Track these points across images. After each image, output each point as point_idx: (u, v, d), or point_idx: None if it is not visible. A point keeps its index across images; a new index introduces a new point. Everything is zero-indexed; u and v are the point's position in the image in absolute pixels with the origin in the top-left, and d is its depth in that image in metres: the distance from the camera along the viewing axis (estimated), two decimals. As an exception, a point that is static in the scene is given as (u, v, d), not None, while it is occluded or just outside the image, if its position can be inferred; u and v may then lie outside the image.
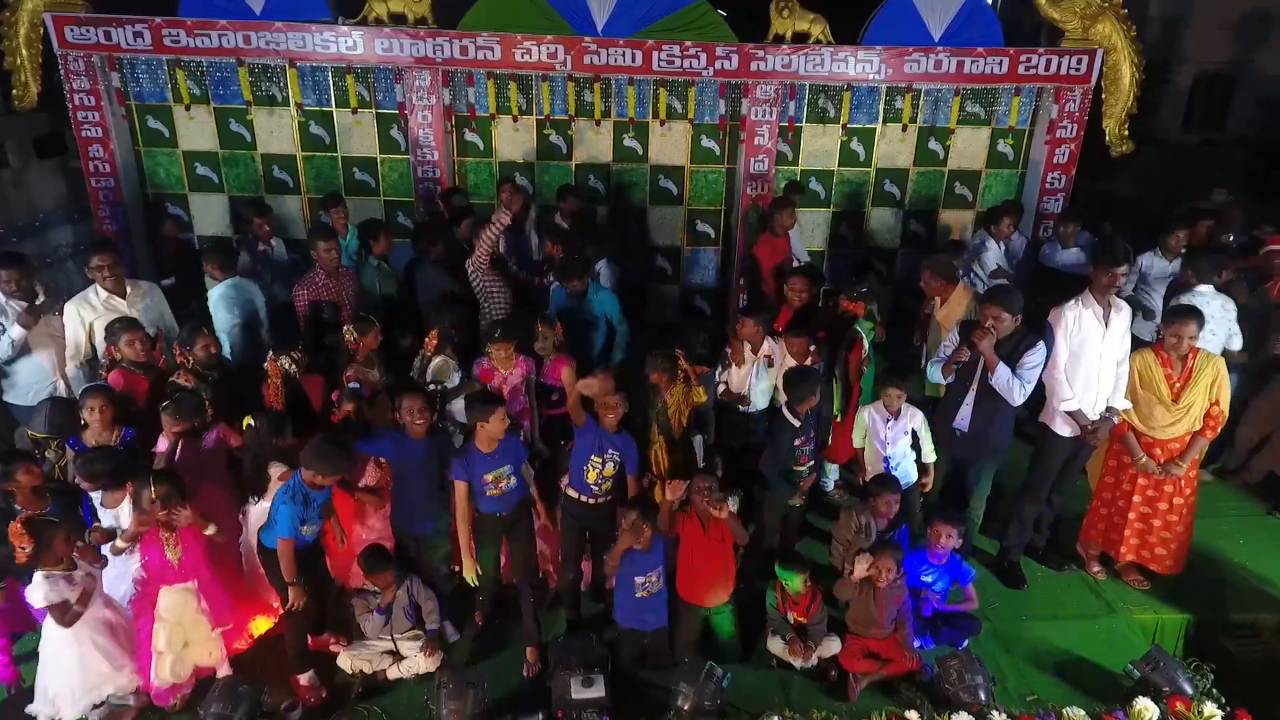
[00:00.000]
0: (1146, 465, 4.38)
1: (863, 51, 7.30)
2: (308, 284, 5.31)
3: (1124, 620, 4.46)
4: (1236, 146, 13.99)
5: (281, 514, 3.60)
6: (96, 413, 3.91)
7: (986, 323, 4.20)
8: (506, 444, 3.95)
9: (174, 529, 3.56)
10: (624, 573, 3.86)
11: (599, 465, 4.08)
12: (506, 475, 3.96)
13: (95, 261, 4.65)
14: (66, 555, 3.40)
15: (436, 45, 7.17)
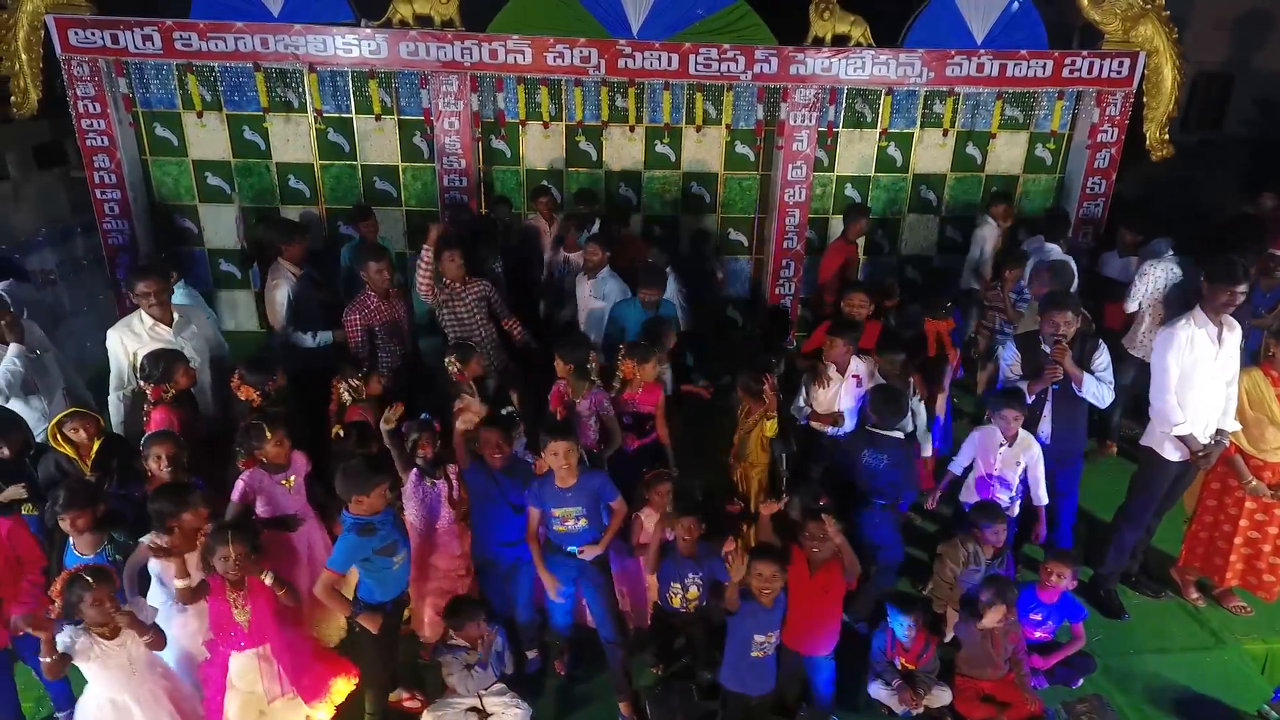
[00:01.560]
0: (1258, 489, 4.22)
1: (904, 54, 7.10)
2: (359, 308, 4.95)
3: (1234, 651, 4.30)
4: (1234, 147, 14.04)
5: (339, 545, 3.30)
6: (165, 461, 3.56)
7: (1059, 330, 4.04)
8: (588, 483, 3.68)
9: (243, 588, 3.23)
10: (741, 628, 3.57)
11: (680, 591, 3.89)
12: (576, 516, 3.69)
13: (141, 288, 4.29)
14: (103, 621, 3.02)
15: (465, 49, 6.84)
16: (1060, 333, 4.00)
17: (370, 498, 3.29)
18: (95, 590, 2.88)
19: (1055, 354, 4.00)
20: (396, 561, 3.41)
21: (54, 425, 3.62)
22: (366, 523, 3.29)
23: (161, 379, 3.95)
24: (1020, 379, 4.18)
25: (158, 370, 3.96)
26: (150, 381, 3.96)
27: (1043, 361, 4.09)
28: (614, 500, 3.74)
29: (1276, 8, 15.05)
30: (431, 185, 7.62)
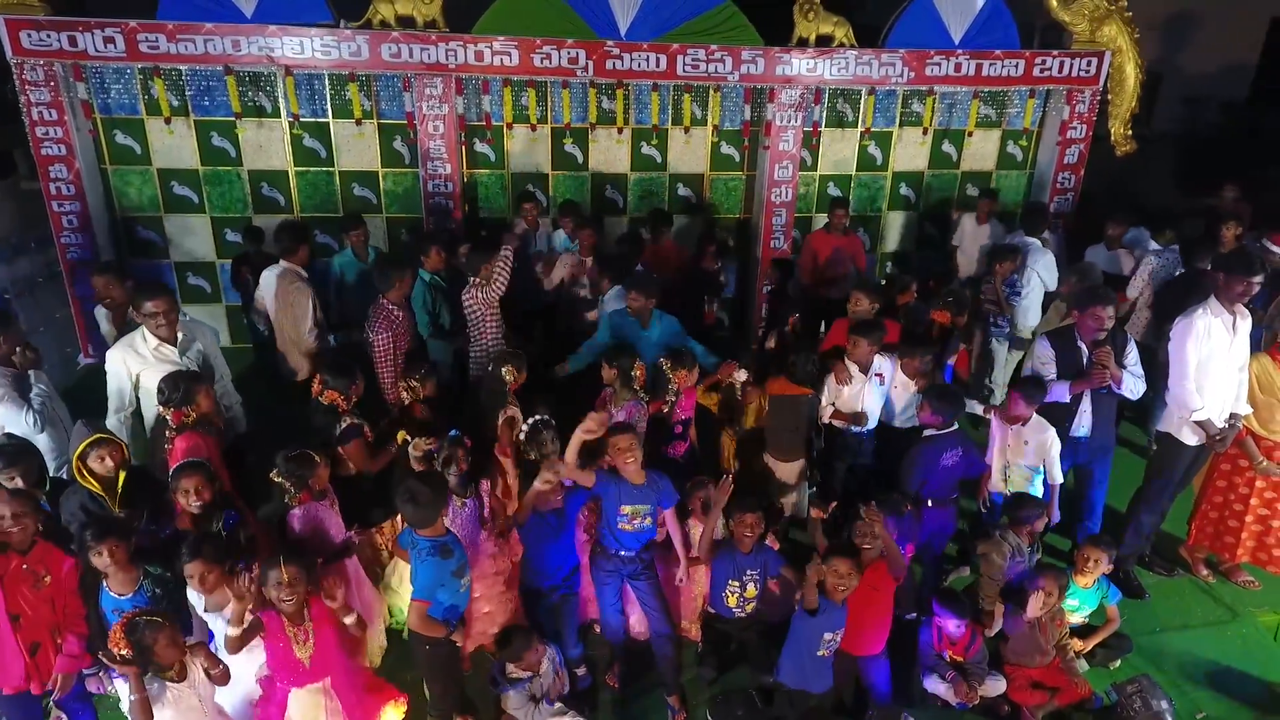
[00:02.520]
0: (1269, 469, 4.43)
1: (886, 54, 7.22)
2: (387, 323, 4.79)
3: (1249, 624, 4.51)
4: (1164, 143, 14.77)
5: (423, 572, 3.15)
6: (193, 495, 3.33)
7: (1102, 324, 4.16)
8: (657, 484, 3.64)
9: (303, 621, 3.06)
10: (809, 627, 3.57)
11: (738, 589, 3.89)
12: (644, 514, 3.66)
13: (150, 308, 4.01)
14: (176, 660, 2.86)
15: (449, 51, 6.67)
16: (1103, 327, 4.12)
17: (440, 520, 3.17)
18: (167, 629, 2.71)
19: (1101, 357, 4.12)
20: (464, 583, 3.29)
21: (77, 458, 3.35)
22: (442, 544, 3.16)
23: (182, 403, 3.72)
24: (1054, 377, 4.26)
25: (178, 394, 3.71)
26: (170, 406, 3.72)
27: (1081, 360, 4.20)
28: (668, 507, 3.69)
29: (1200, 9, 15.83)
30: (413, 190, 7.42)
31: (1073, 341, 4.25)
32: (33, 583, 3.04)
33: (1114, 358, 4.16)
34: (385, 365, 4.81)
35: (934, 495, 4.17)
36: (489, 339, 5.19)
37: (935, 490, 4.15)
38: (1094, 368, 4.13)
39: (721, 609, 3.97)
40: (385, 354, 4.79)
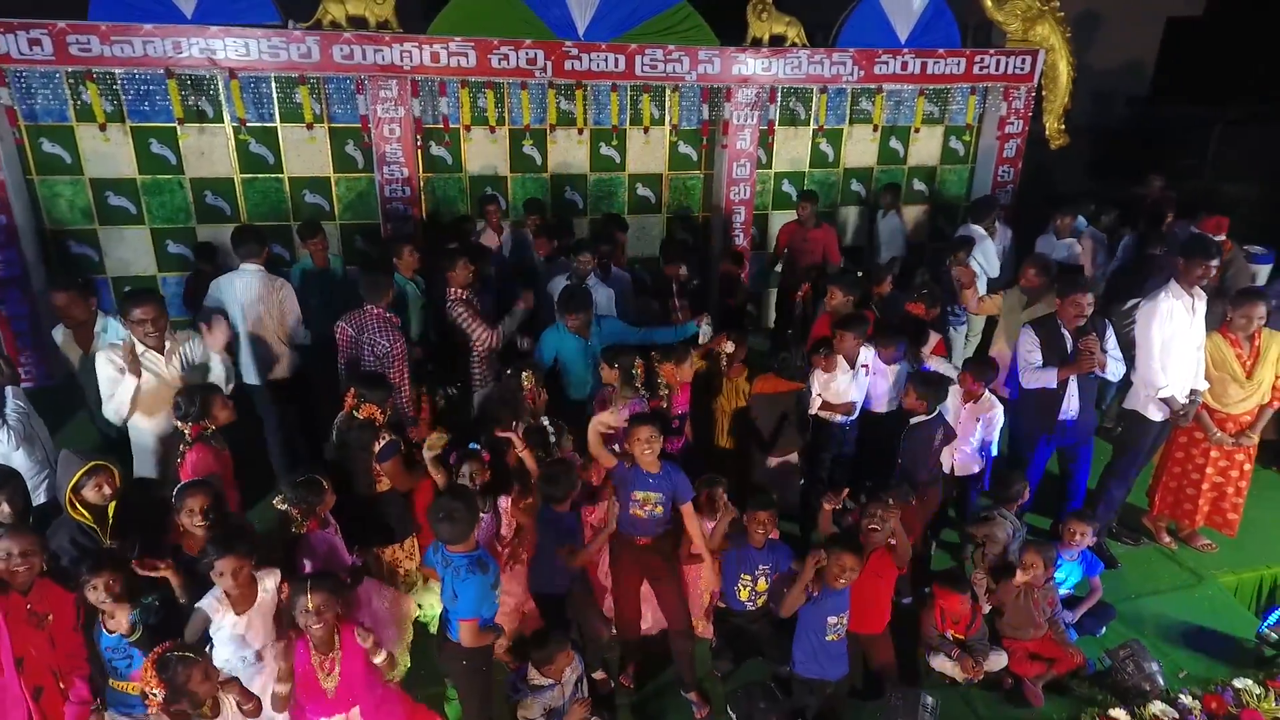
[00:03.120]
0: (1222, 439, 4.74)
1: (837, 54, 7.41)
2: (389, 330, 4.70)
3: (1212, 585, 4.81)
4: (1075, 136, 15.62)
5: (468, 590, 3.07)
6: (199, 515, 3.16)
7: (1083, 311, 4.36)
8: (671, 477, 3.66)
9: (330, 650, 2.95)
10: (816, 612, 3.64)
11: (750, 583, 3.95)
12: (655, 502, 3.69)
13: (138, 314, 3.81)
14: (209, 696, 2.72)
15: (404, 52, 6.51)
16: (1084, 314, 4.32)
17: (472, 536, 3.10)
18: (201, 664, 2.57)
19: (1088, 344, 4.32)
20: (498, 595, 3.23)
21: (71, 489, 3.14)
22: (478, 558, 3.09)
23: (200, 416, 3.60)
24: (1041, 364, 4.45)
25: (194, 406, 3.59)
26: (187, 420, 3.59)
27: (1065, 346, 4.41)
28: (685, 503, 3.71)
29: (1102, 9, 16.73)
30: (368, 195, 7.22)
31: (1056, 329, 4.45)
32: (36, 623, 2.83)
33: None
34: (401, 375, 4.69)
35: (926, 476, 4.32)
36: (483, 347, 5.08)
37: (927, 471, 4.30)
38: (1081, 354, 4.33)
39: (733, 603, 4.01)
40: (401, 362, 4.67)
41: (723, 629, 4.09)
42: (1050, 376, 4.39)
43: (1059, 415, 4.48)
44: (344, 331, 4.78)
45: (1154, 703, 3.72)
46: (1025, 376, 4.47)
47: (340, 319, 4.84)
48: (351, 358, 4.78)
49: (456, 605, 3.13)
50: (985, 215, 7.06)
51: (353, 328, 4.75)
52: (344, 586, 2.92)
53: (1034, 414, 4.57)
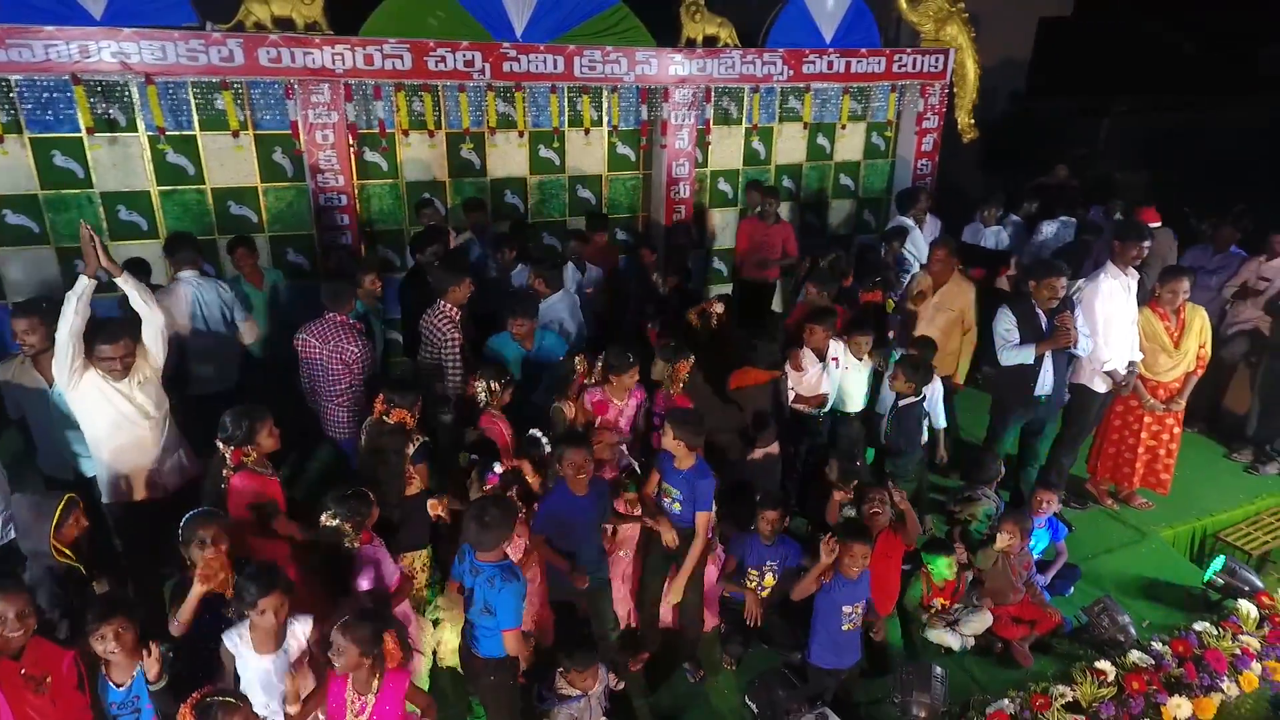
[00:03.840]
0: (1155, 406, 5.16)
1: (768, 54, 7.60)
2: (354, 337, 4.53)
3: (1155, 539, 5.23)
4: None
5: (509, 599, 3.00)
6: (211, 548, 2.94)
7: (1057, 294, 4.65)
8: (696, 476, 3.71)
9: (367, 691, 2.81)
10: (828, 604, 3.73)
11: (757, 577, 4.06)
12: (674, 498, 3.78)
13: (108, 351, 3.52)
14: None
15: (336, 54, 6.25)
16: (1058, 296, 4.60)
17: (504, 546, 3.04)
18: (242, 710, 2.40)
19: (1064, 321, 4.61)
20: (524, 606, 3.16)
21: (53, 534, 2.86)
22: (509, 567, 3.02)
23: (244, 441, 3.40)
24: (1019, 342, 4.72)
25: (240, 430, 3.40)
26: (231, 444, 3.39)
27: (1040, 325, 4.70)
28: (703, 510, 3.74)
29: (979, 9, 17.69)
30: (298, 205, 6.88)
31: (1031, 309, 4.73)
32: (34, 688, 2.56)
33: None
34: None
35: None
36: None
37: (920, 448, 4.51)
38: (1057, 331, 4.62)
39: (739, 596, 4.08)
40: (370, 369, 4.59)
41: (731, 618, 4.15)
42: (1028, 353, 4.67)
43: (1035, 391, 4.76)
44: (306, 343, 4.59)
45: (1131, 652, 4.02)
46: (1004, 354, 4.73)
47: (300, 331, 4.65)
48: (314, 370, 4.61)
49: (495, 617, 3.05)
50: (911, 206, 7.42)
51: (316, 338, 4.56)
52: (379, 631, 2.77)
53: (1010, 391, 4.84)
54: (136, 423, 3.68)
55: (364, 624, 2.71)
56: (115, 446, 3.68)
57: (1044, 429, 5.05)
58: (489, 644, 3.17)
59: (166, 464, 3.85)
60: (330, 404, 4.64)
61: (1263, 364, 6.11)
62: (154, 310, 3.69)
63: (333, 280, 4.77)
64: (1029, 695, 3.74)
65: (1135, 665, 3.93)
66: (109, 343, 3.54)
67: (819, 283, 5.23)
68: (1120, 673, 3.87)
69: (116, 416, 3.63)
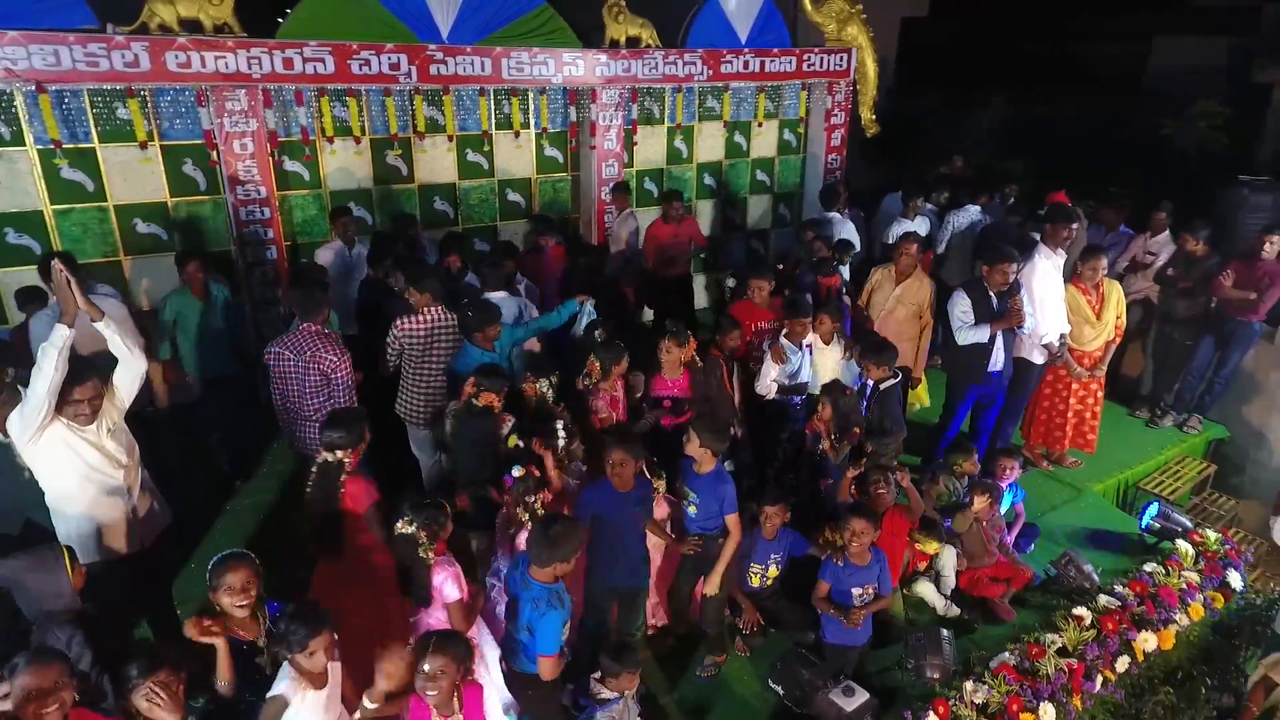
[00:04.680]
0: (1081, 373, 5.67)
1: (688, 54, 7.75)
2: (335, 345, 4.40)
3: (1090, 494, 5.74)
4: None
5: (550, 627, 2.95)
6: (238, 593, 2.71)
7: (1008, 278, 5.01)
8: (716, 482, 3.77)
9: (450, 714, 2.69)
10: (839, 587, 3.88)
11: (761, 570, 4.19)
12: (690, 500, 3.85)
13: (75, 394, 3.13)
14: None
15: (252, 58, 5.88)
16: (1009, 279, 4.95)
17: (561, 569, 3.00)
18: None
19: (1016, 303, 4.97)
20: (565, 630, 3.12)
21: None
22: (556, 591, 2.96)
23: (356, 442, 3.44)
24: (974, 322, 5.04)
25: (351, 435, 3.42)
26: (342, 448, 3.39)
27: (992, 306, 5.04)
28: (730, 514, 3.82)
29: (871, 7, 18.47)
30: (214, 220, 6.43)
31: (984, 291, 5.07)
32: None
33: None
34: (350, 394, 4.39)
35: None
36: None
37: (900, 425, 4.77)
38: (1010, 311, 4.98)
39: (745, 588, 4.18)
40: (349, 376, 4.39)
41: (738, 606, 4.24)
42: (983, 332, 5.01)
43: (989, 367, 5.11)
44: (279, 356, 4.37)
45: (1100, 596, 4.42)
46: (962, 335, 5.05)
47: (271, 344, 4.44)
48: (288, 384, 4.39)
49: (534, 640, 3.00)
50: (834, 201, 7.77)
51: (290, 350, 4.35)
52: (469, 649, 2.66)
53: (966, 368, 5.18)
54: (108, 473, 3.34)
55: (457, 642, 2.61)
56: (87, 501, 3.32)
57: (996, 400, 5.44)
58: (527, 662, 3.13)
59: (143, 513, 3.53)
60: (306, 420, 4.41)
61: (1153, 329, 6.83)
62: (138, 355, 3.38)
63: (306, 288, 4.56)
64: (1025, 646, 4.04)
65: (1106, 608, 4.32)
66: (76, 384, 3.17)
67: (766, 278, 5.43)
68: (1095, 616, 4.25)
69: (85, 469, 3.28)
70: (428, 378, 4.78)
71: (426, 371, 4.76)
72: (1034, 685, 3.79)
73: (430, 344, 4.74)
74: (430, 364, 4.76)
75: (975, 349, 5.10)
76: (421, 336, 4.70)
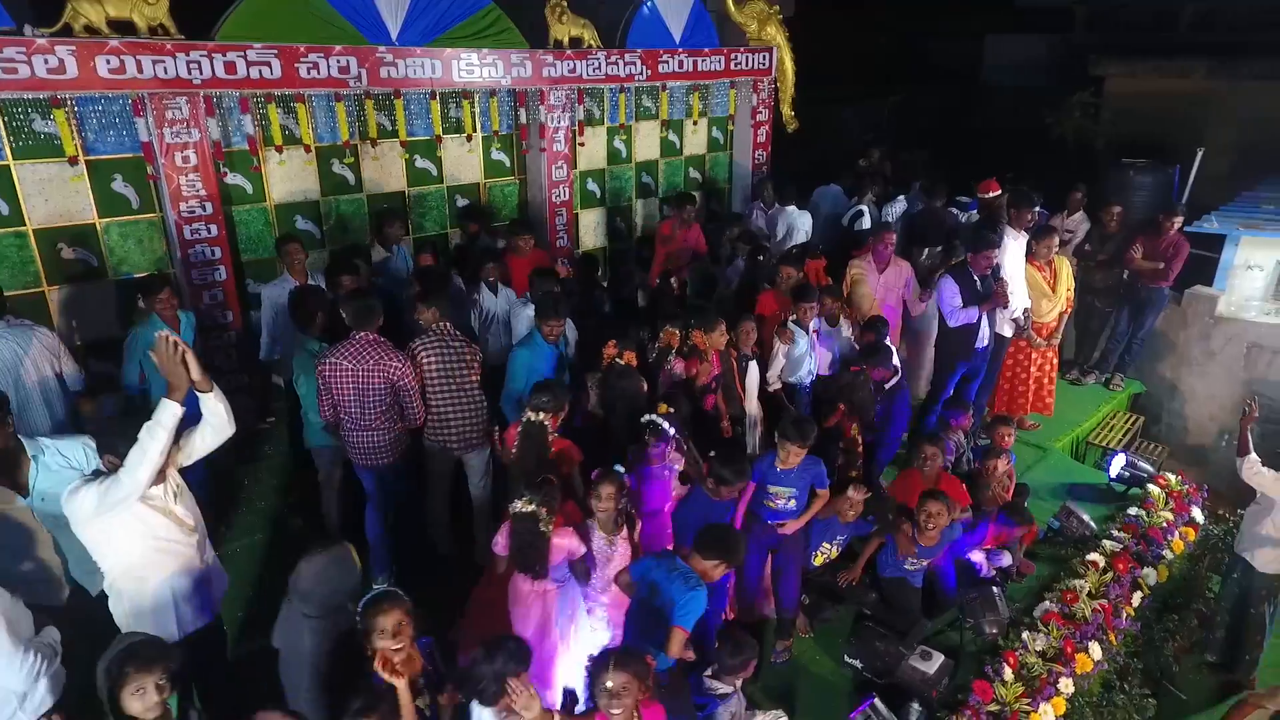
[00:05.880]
0: (1040, 342, 6.20)
1: (629, 54, 7.79)
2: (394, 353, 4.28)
3: (1055, 453, 6.29)
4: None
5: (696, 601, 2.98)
6: (390, 635, 2.51)
7: (992, 262, 5.40)
8: (806, 470, 3.84)
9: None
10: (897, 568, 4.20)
11: (826, 551, 4.36)
12: (788, 496, 3.91)
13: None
14: None
15: (193, 63, 5.39)
16: (993, 263, 5.32)
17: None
18: None
19: (1001, 286, 5.35)
20: None
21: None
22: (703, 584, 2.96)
23: (558, 408, 3.88)
24: (963, 304, 5.38)
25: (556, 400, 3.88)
26: (546, 411, 3.83)
27: (977, 288, 5.39)
28: (823, 488, 3.96)
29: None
30: (150, 241, 5.85)
31: (969, 276, 5.42)
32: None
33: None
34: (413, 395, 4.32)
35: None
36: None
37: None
38: (997, 293, 5.36)
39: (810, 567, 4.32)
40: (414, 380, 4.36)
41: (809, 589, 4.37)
42: (972, 313, 5.37)
43: (976, 344, 5.49)
44: (335, 366, 4.19)
45: (1105, 541, 4.87)
46: (954, 317, 5.39)
47: (325, 355, 4.27)
48: (345, 395, 4.24)
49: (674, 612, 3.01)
50: (762, 194, 8.07)
51: (348, 359, 4.18)
52: (648, 667, 2.59)
53: (956, 347, 5.54)
54: (179, 540, 2.98)
55: (637, 659, 2.53)
56: (158, 576, 2.94)
57: (980, 373, 5.86)
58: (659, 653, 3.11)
59: (214, 579, 3.19)
60: (366, 430, 4.31)
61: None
62: (232, 424, 3.05)
63: (358, 298, 4.43)
64: (1060, 593, 4.40)
65: (1114, 552, 4.78)
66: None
67: (793, 264, 5.59)
68: (1107, 559, 4.69)
69: (154, 540, 2.90)
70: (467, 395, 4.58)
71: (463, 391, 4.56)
72: (1079, 628, 4.14)
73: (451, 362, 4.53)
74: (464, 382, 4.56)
75: (964, 329, 5.47)
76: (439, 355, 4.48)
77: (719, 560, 3.08)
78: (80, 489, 2.69)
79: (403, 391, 4.27)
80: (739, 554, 3.16)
